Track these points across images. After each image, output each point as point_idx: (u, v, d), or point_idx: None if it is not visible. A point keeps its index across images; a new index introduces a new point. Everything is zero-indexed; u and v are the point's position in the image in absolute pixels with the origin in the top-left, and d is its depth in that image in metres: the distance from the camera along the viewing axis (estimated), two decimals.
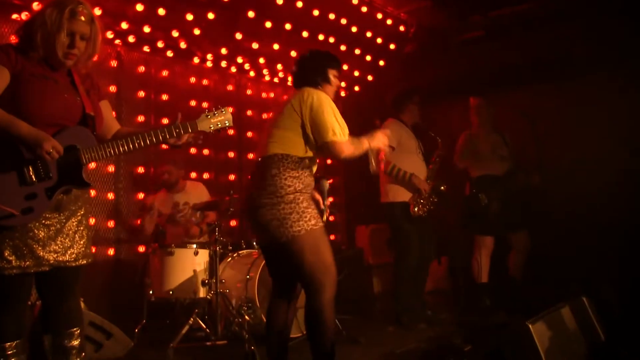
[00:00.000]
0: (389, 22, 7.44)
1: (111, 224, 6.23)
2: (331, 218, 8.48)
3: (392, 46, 7.76)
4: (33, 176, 2.75)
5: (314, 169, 3.66)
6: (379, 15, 7.32)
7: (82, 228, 2.98)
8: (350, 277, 6.52)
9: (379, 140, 3.79)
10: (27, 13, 5.25)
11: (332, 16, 7.01)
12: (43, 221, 2.82)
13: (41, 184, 2.77)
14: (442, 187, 5.70)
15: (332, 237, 8.25)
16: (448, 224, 6.73)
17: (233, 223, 7.11)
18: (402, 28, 7.60)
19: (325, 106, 3.50)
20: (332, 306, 3.42)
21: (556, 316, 4.04)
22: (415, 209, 5.61)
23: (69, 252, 2.89)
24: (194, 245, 5.38)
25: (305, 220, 3.36)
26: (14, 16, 5.38)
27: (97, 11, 5.48)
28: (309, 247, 3.37)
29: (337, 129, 3.49)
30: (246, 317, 5.12)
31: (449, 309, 6.32)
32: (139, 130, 3.12)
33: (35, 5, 5.06)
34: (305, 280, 3.44)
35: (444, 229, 6.24)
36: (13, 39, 2.99)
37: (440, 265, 7.55)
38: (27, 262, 2.76)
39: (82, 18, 2.89)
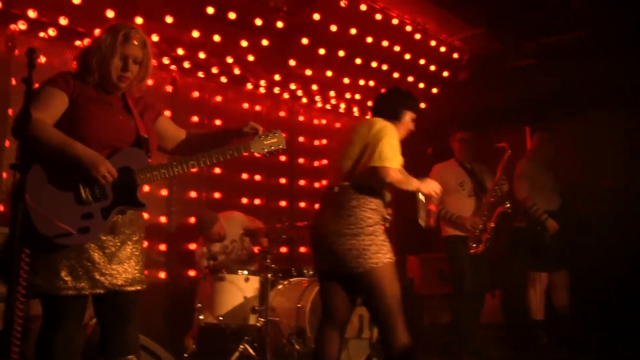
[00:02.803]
0: (442, 49, 7.39)
1: (163, 247, 6.26)
2: None
3: (445, 73, 7.70)
4: (89, 196, 2.78)
5: (387, 197, 3.66)
6: (433, 43, 7.29)
7: (137, 253, 2.99)
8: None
9: (430, 186, 3.71)
10: (89, 39, 5.36)
11: (385, 43, 7.01)
12: (99, 243, 2.83)
13: (97, 204, 2.79)
14: (507, 206, 5.58)
15: None
16: (500, 255, 6.56)
17: (284, 250, 7.07)
18: (455, 55, 7.53)
19: (388, 134, 3.52)
20: (407, 332, 3.45)
21: None
22: (473, 247, 5.57)
23: (123, 276, 2.88)
24: (245, 272, 5.37)
25: (383, 253, 3.42)
26: (77, 43, 5.52)
27: (154, 37, 5.61)
28: (387, 279, 3.41)
29: (389, 154, 3.47)
30: (296, 346, 5.06)
31: (501, 344, 6.14)
32: (202, 134, 3.39)
33: (97, 32, 5.17)
34: (381, 310, 3.46)
35: (496, 261, 6.08)
36: (75, 65, 3.06)
37: (494, 299, 7.36)
38: (82, 284, 2.77)
39: (135, 42, 2.97)
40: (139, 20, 5.43)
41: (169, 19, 5.77)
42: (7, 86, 5.34)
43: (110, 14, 5.40)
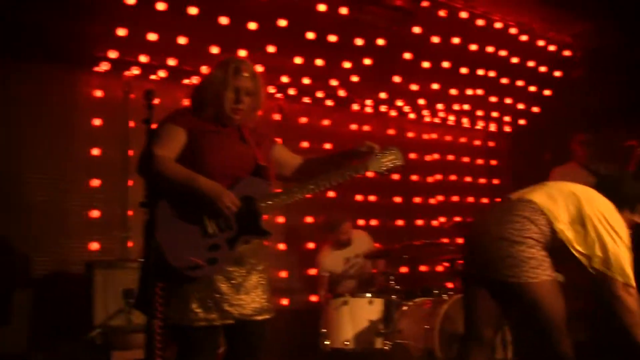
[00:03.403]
0: (551, 48, 7.16)
1: (284, 274, 6.32)
2: None
3: (557, 73, 7.42)
4: (214, 227, 2.80)
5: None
6: (541, 43, 7.07)
7: (263, 282, 2.99)
8: None
9: None
10: (197, 77, 5.55)
11: (490, 49, 6.88)
12: (225, 274, 2.85)
13: (222, 235, 2.82)
14: None
15: None
16: None
17: (404, 270, 6.96)
18: (567, 53, 7.25)
19: (626, 241, 3.25)
20: (571, 352, 3.21)
21: None
22: None
23: (251, 306, 2.89)
24: (368, 294, 5.30)
25: (542, 269, 3.16)
26: (186, 81, 5.73)
27: (259, 68, 5.69)
28: (548, 295, 3.17)
29: (629, 271, 3.20)
30: None
31: None
32: (318, 158, 3.34)
33: (204, 69, 5.32)
34: (541, 326, 3.23)
35: None
36: (186, 102, 3.14)
37: None
38: (213, 315, 2.79)
39: (245, 74, 3.00)
40: (242, 52, 5.55)
41: (271, 49, 5.90)
42: (126, 129, 5.60)
43: (214, 50, 5.58)
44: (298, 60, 6.11)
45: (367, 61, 6.40)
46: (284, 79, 6.23)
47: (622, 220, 3.30)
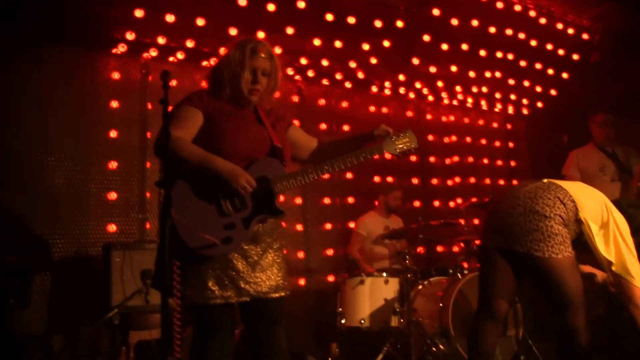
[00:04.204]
0: (570, 31, 7.09)
1: (301, 254, 6.39)
2: None
3: (575, 57, 7.35)
4: (230, 207, 2.86)
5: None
6: (559, 26, 7.01)
7: (279, 260, 3.04)
8: None
9: None
10: (215, 59, 5.58)
11: (509, 32, 6.84)
12: (241, 253, 2.90)
13: (238, 214, 2.87)
14: None
15: None
16: None
17: (420, 250, 7.00)
18: (585, 36, 7.18)
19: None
20: (587, 329, 3.27)
21: None
22: None
23: (267, 283, 2.94)
24: (384, 274, 5.36)
25: (565, 246, 3.24)
26: (204, 63, 5.77)
27: (277, 50, 5.69)
28: (568, 272, 3.25)
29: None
30: (441, 346, 4.97)
31: None
32: (333, 140, 3.39)
33: (222, 51, 5.33)
34: (558, 299, 3.29)
35: None
36: (204, 84, 3.17)
37: None
38: (229, 293, 2.85)
39: (262, 55, 3.04)
40: (261, 34, 5.56)
41: (289, 30, 5.90)
42: (144, 111, 5.65)
43: (233, 31, 5.59)
44: (317, 42, 6.08)
45: (386, 43, 6.38)
46: (303, 61, 6.24)
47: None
